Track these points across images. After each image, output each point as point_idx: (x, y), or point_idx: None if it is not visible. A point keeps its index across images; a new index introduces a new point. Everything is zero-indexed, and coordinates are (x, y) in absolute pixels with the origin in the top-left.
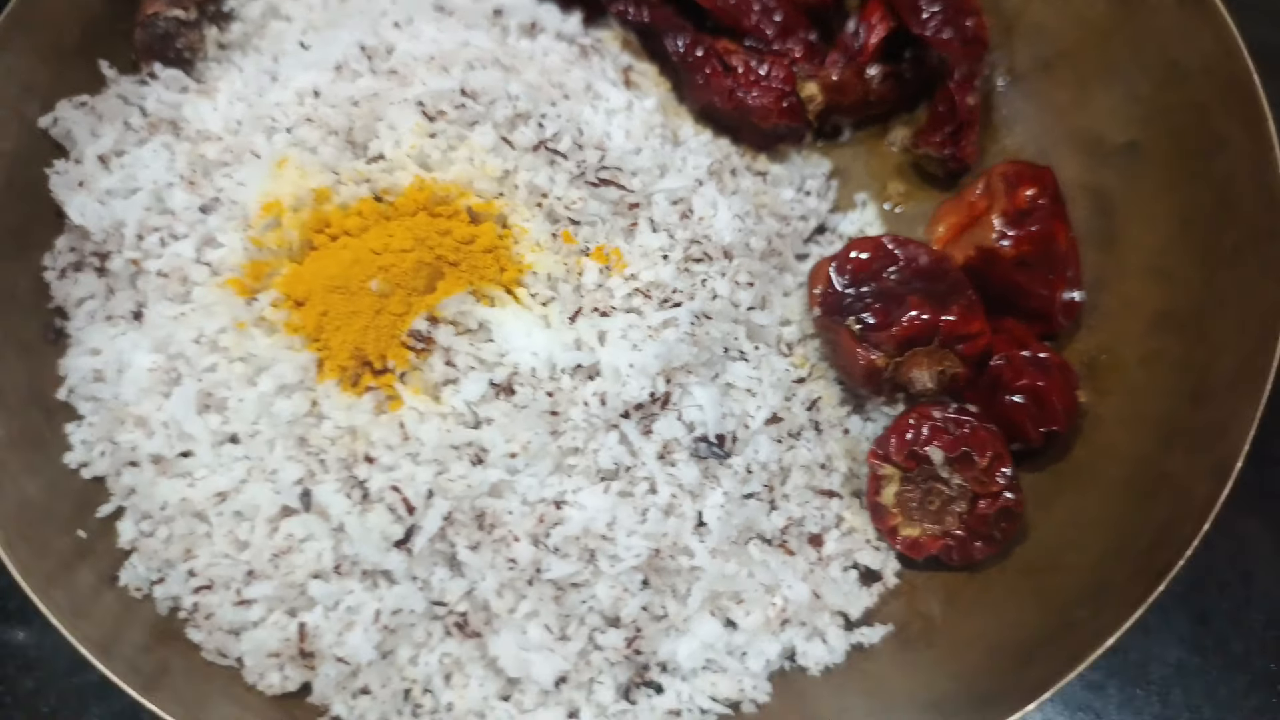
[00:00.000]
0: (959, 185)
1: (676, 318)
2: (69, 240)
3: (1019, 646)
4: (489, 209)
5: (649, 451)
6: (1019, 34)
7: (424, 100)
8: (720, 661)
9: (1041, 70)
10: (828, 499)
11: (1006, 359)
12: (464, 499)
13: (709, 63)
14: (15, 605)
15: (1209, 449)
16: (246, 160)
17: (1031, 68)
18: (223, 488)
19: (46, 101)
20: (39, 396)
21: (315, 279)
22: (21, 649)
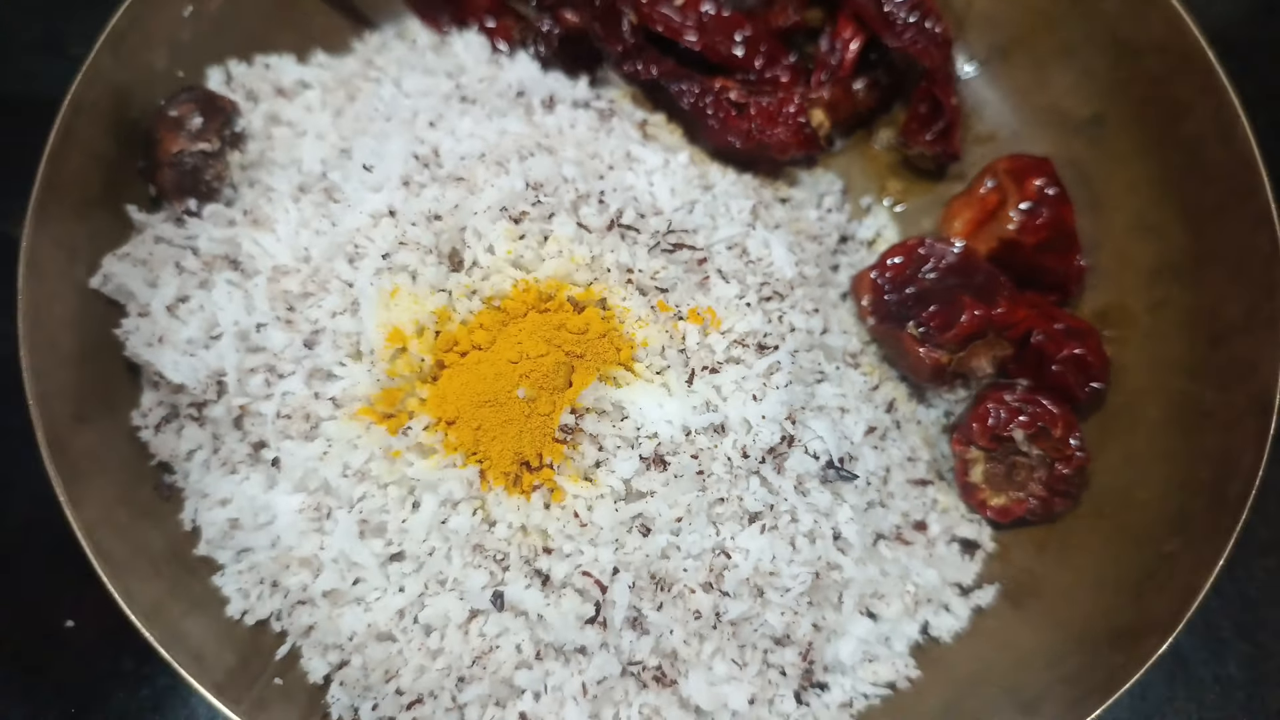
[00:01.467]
0: (948, 174)
1: (779, 361)
2: (156, 395)
3: (1123, 584)
4: (589, 295)
5: (787, 488)
6: (971, 26)
7: (506, 205)
8: (872, 651)
9: (1000, 57)
10: (923, 487)
11: (1045, 334)
12: (642, 567)
13: (721, 107)
14: None
15: (1242, 386)
16: (334, 288)
17: (990, 56)
18: (401, 605)
19: (89, 261)
20: (178, 554)
21: (462, 397)
22: None
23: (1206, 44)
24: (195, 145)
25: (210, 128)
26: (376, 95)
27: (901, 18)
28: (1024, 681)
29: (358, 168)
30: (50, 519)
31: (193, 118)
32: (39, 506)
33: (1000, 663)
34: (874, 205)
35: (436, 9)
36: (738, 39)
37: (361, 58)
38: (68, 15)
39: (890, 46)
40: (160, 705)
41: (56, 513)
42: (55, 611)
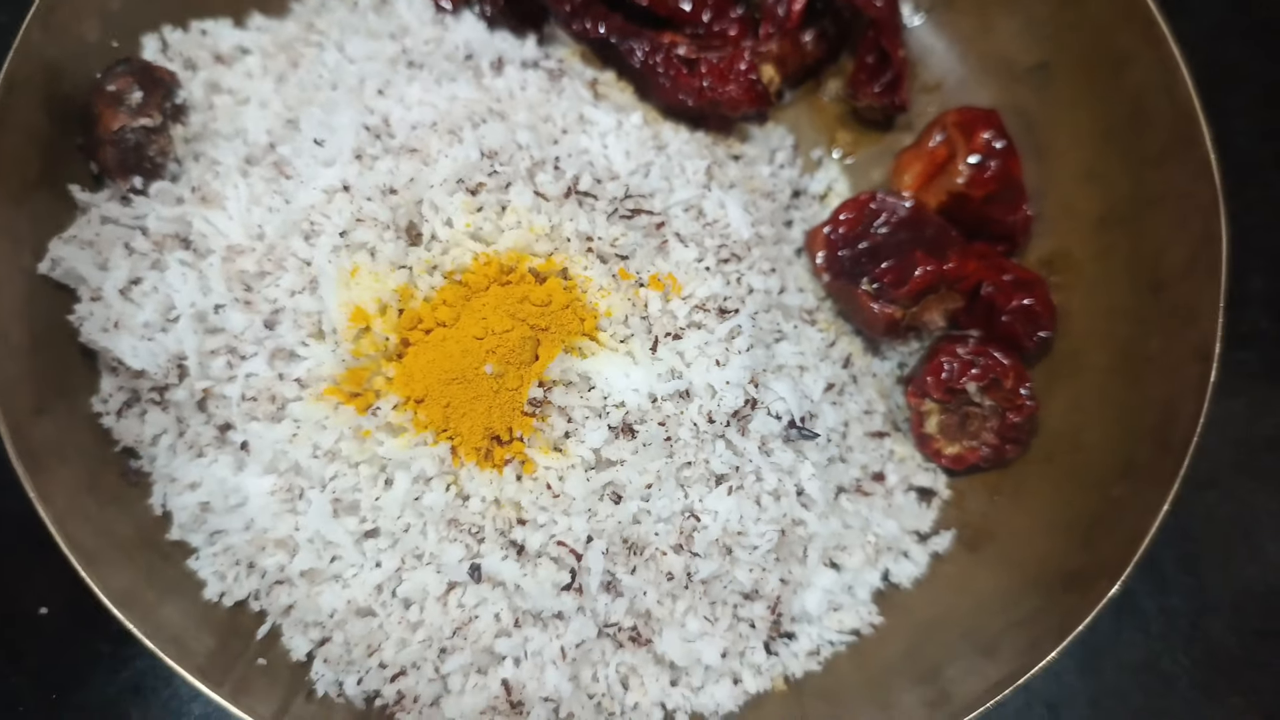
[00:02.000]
0: (896, 124)
1: (740, 325)
2: (115, 381)
3: (1073, 527)
4: (550, 266)
5: (751, 449)
6: None
7: (462, 176)
8: (837, 600)
9: (945, 5)
10: (880, 439)
11: (995, 286)
12: (614, 533)
13: (671, 65)
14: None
15: (1183, 333)
16: (291, 266)
17: (935, 4)
18: (378, 581)
19: (35, 246)
20: (149, 540)
21: (429, 375)
22: None
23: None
24: (136, 121)
25: (151, 102)
26: (320, 61)
27: None
28: (982, 625)
29: (307, 141)
30: (16, 507)
31: (132, 92)
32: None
33: (959, 607)
34: (824, 158)
35: None
36: None
37: (301, 20)
38: None
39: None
40: (140, 687)
41: (23, 501)
42: (29, 598)
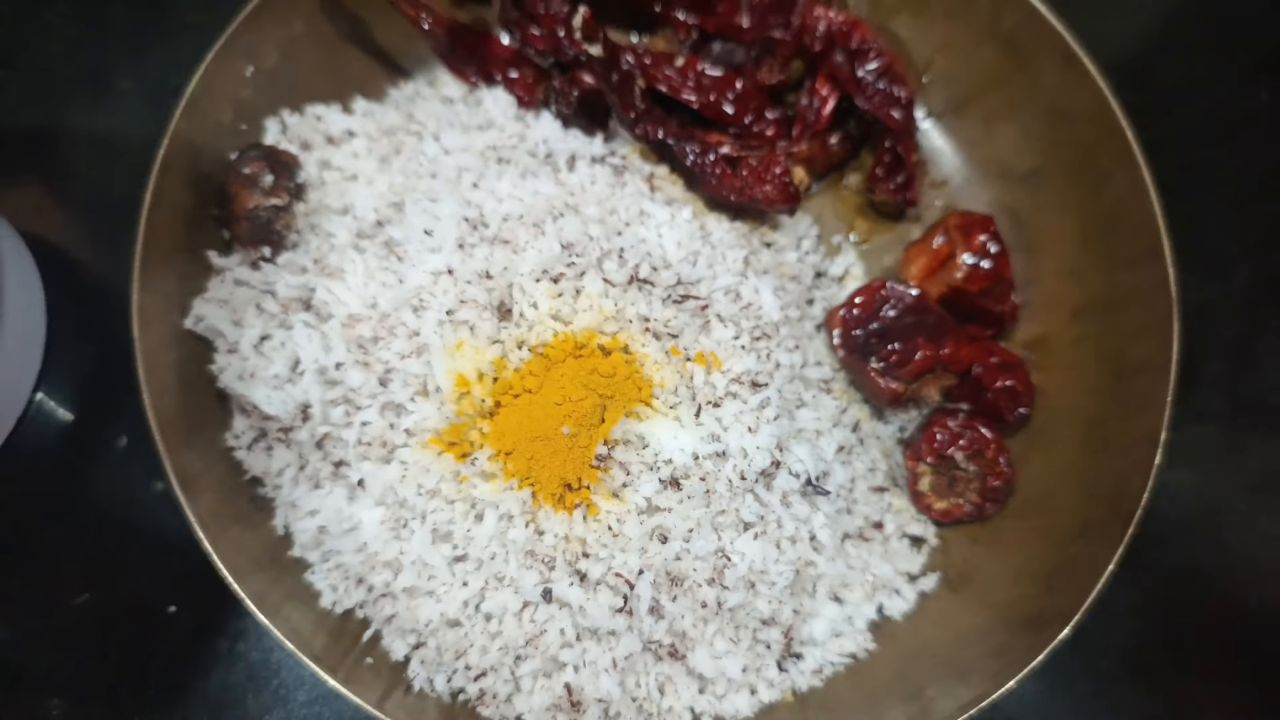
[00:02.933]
0: (907, 216)
1: (769, 398)
2: (246, 421)
3: (1036, 577)
4: (615, 343)
5: (774, 502)
6: (931, 83)
7: (546, 268)
8: (838, 628)
9: (954, 112)
10: (881, 494)
11: (983, 367)
12: (660, 568)
13: (717, 165)
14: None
15: (1138, 419)
16: (401, 334)
17: (945, 110)
18: (466, 598)
19: (181, 305)
20: (275, 557)
21: (518, 433)
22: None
23: (1128, 125)
24: (268, 201)
25: (280, 184)
26: (420, 151)
27: (871, 82)
28: (959, 654)
29: (416, 228)
30: (146, 525)
31: (264, 175)
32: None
33: (940, 638)
34: (844, 243)
35: (463, 61)
36: (729, 96)
37: (400, 109)
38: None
39: (860, 107)
40: (254, 677)
41: (151, 519)
42: (160, 600)
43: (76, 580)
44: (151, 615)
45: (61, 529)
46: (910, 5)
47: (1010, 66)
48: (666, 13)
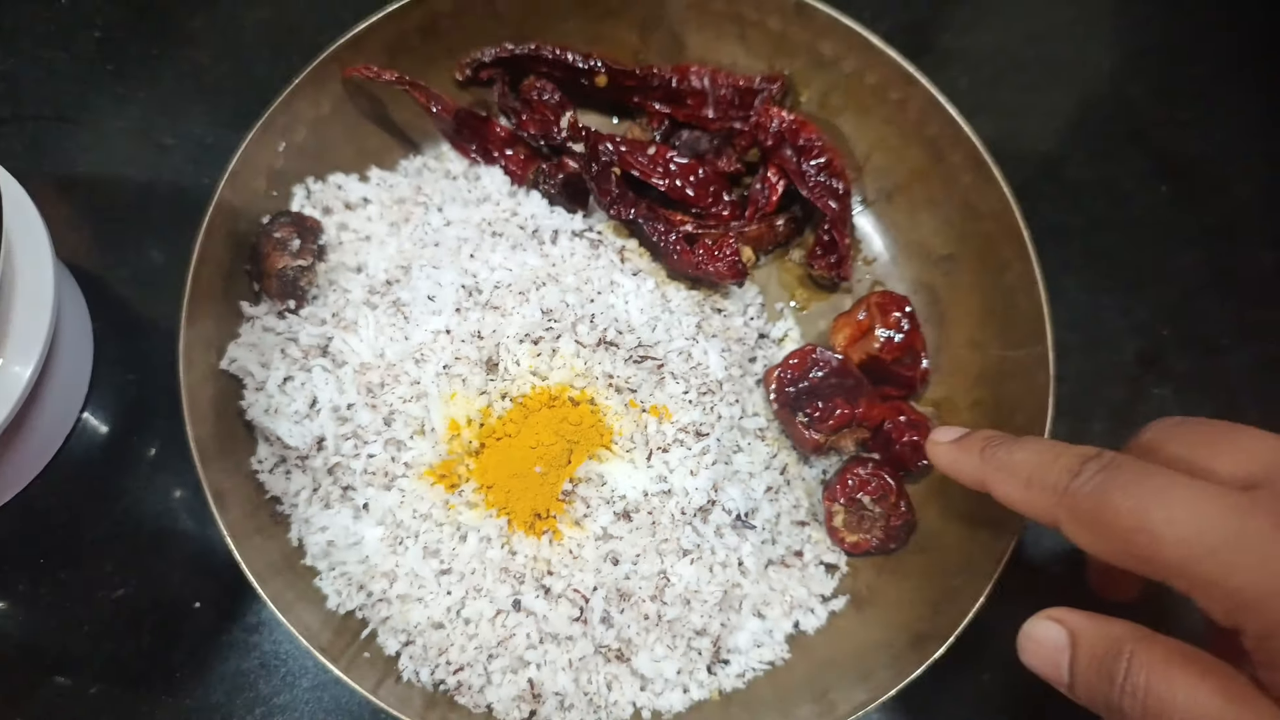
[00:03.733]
0: (840, 288)
1: (709, 445)
2: (269, 448)
3: (926, 603)
4: (583, 396)
5: (709, 533)
6: (867, 173)
7: (528, 331)
8: (760, 639)
9: (885, 200)
10: (802, 527)
11: (893, 424)
12: (612, 586)
13: (679, 243)
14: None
15: None
16: (404, 381)
17: (878, 197)
18: (449, 605)
19: (219, 348)
20: (290, 564)
21: (498, 471)
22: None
23: (1024, 225)
24: (295, 262)
25: (305, 247)
26: (426, 221)
27: (813, 175)
28: (860, 663)
29: (421, 291)
30: (174, 530)
31: (292, 240)
32: (173, 523)
33: (846, 650)
34: (785, 309)
35: (466, 140)
36: (692, 181)
37: (410, 181)
38: (148, 107)
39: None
40: (266, 664)
41: (178, 526)
42: (187, 596)
43: (114, 577)
44: (178, 609)
45: (101, 532)
46: (853, 106)
47: (933, 165)
48: (644, 103)
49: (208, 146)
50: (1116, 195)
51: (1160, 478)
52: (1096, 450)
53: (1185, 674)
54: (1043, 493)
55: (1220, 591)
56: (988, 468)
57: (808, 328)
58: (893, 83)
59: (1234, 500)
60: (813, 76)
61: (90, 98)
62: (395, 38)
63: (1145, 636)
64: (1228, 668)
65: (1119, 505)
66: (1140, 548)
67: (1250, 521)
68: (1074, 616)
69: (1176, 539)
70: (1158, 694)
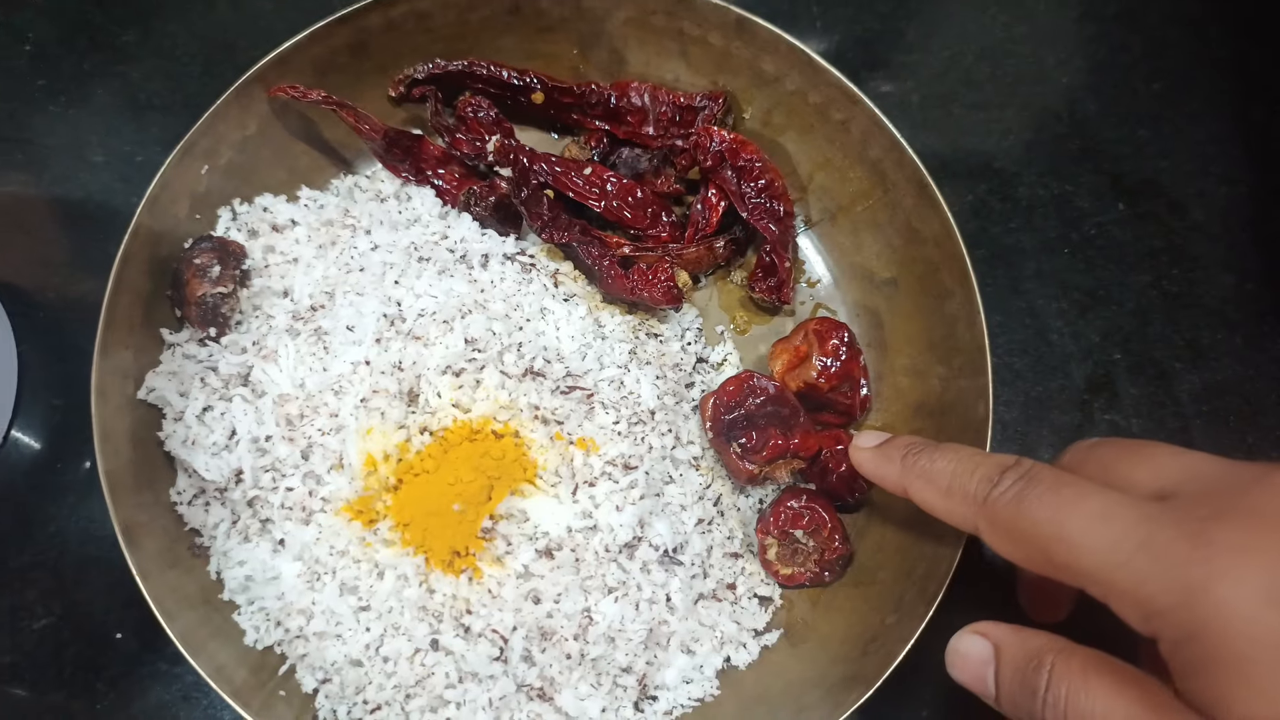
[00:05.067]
0: (781, 311)
1: (637, 480)
2: (188, 480)
3: (859, 640)
4: (507, 429)
5: (635, 569)
6: (811, 193)
7: (450, 363)
8: (689, 675)
9: (829, 221)
10: (736, 559)
11: (830, 452)
12: (533, 625)
13: (613, 267)
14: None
15: None
16: (322, 413)
17: (821, 218)
18: (367, 641)
19: (136, 378)
20: (208, 598)
21: (415, 508)
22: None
23: (965, 250)
24: (215, 289)
25: (226, 274)
26: (353, 245)
27: (753, 196)
28: (794, 700)
29: (342, 323)
30: (106, 560)
31: (212, 266)
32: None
33: (777, 685)
34: (725, 332)
35: (397, 160)
36: (629, 201)
37: (340, 203)
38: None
39: (741, 215)
40: (189, 696)
41: (105, 555)
42: (109, 626)
43: (37, 605)
44: (101, 639)
45: (26, 559)
46: (796, 125)
47: (876, 187)
48: (582, 120)
49: (137, 165)
50: (1070, 215)
51: (1075, 487)
52: (1015, 459)
53: (1103, 684)
54: (962, 501)
55: (1133, 599)
56: (909, 475)
57: (748, 351)
58: (835, 102)
59: (1146, 510)
60: (755, 94)
61: (21, 114)
62: (324, 56)
63: (1065, 648)
64: (1146, 678)
65: (1036, 515)
66: (1057, 556)
67: (1160, 531)
68: (998, 630)
69: (1091, 548)
70: (1077, 705)
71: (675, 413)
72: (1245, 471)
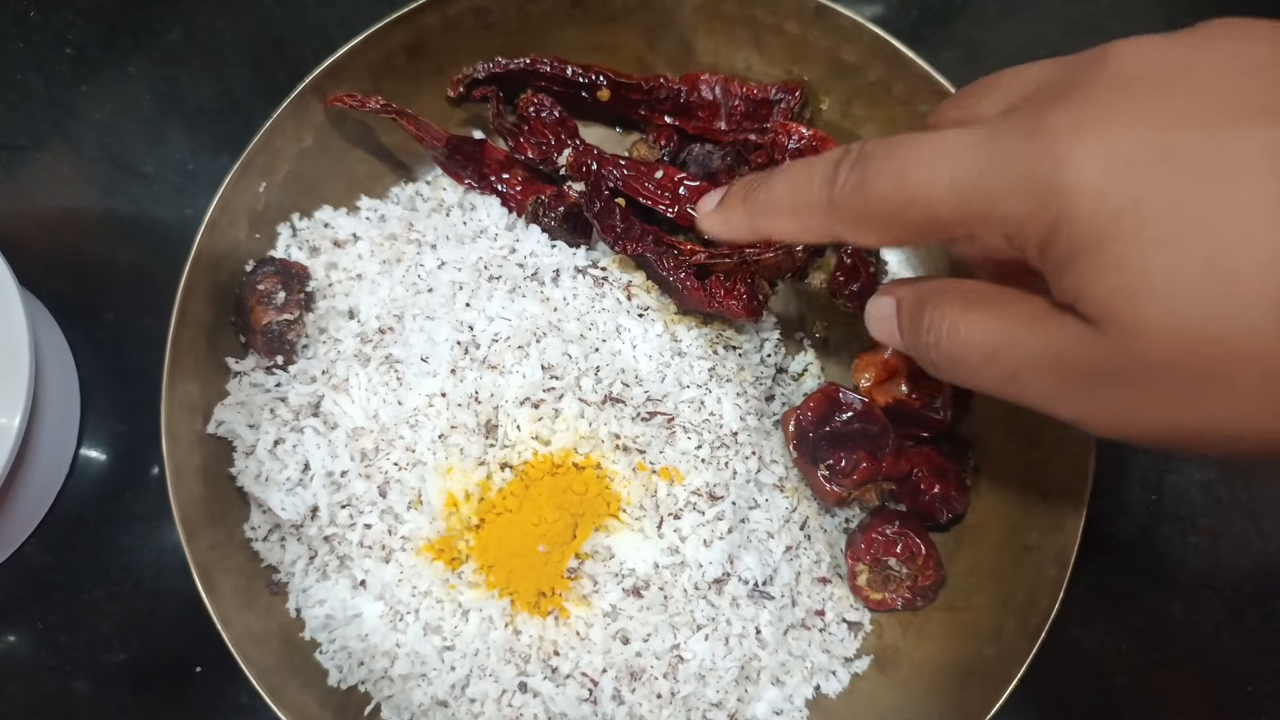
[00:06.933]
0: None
1: (724, 511)
2: (262, 516)
3: (954, 671)
4: (588, 461)
5: (724, 605)
6: None
7: (529, 393)
8: (779, 706)
9: None
10: (824, 584)
11: (921, 472)
12: (622, 666)
13: (689, 278)
14: None
15: (1052, 538)
16: (399, 446)
17: None
18: (453, 682)
19: (205, 412)
20: (287, 637)
21: (499, 550)
22: None
23: None
24: (281, 315)
25: (291, 299)
26: (419, 262)
27: None
28: None
29: (415, 347)
30: (181, 592)
31: (277, 292)
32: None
33: (869, 715)
34: (804, 339)
35: (459, 167)
36: None
37: (402, 213)
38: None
39: None
40: None
41: (179, 586)
42: (189, 660)
43: (114, 640)
44: (181, 673)
45: (100, 592)
46: (878, 117)
47: None
48: (650, 116)
49: (189, 174)
50: None
51: (906, 144)
52: (844, 148)
53: (981, 312)
54: (811, 215)
55: (994, 223)
56: (755, 216)
57: (829, 358)
58: (920, 93)
59: (984, 130)
60: (833, 84)
61: (66, 124)
62: (380, 59)
63: (949, 287)
64: (1026, 297)
65: (880, 189)
66: (914, 218)
67: (1001, 142)
68: (900, 286)
69: (939, 193)
70: (956, 336)
71: (757, 432)
72: (1083, 57)
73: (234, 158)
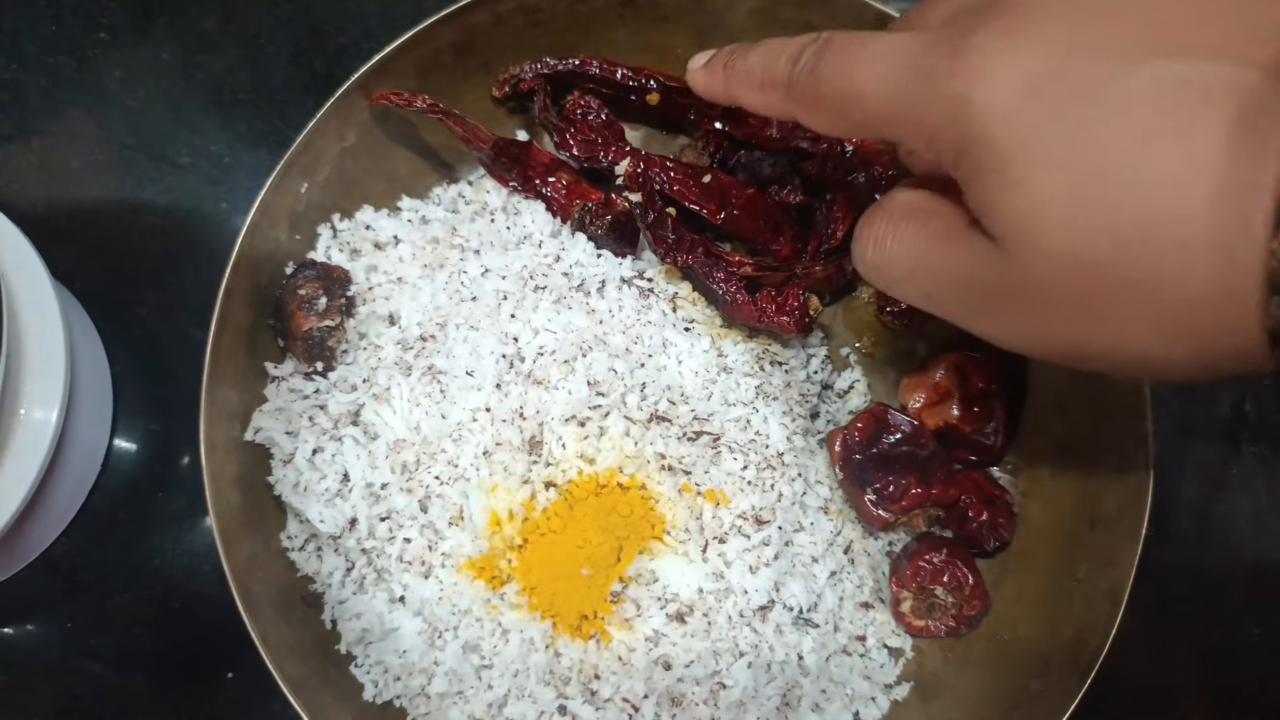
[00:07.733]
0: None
1: (770, 536)
2: (299, 525)
3: (998, 703)
4: (633, 481)
5: (769, 633)
6: None
7: (575, 411)
8: None
9: None
10: (866, 610)
11: (969, 499)
12: (664, 692)
13: (739, 292)
14: None
15: (1104, 571)
16: (440, 459)
17: None
18: (490, 701)
19: (243, 418)
20: (322, 650)
21: (543, 573)
22: None
23: None
24: (322, 321)
25: (333, 305)
26: (462, 269)
27: None
28: None
29: (459, 358)
30: (213, 597)
31: (318, 298)
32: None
33: None
34: (851, 355)
35: (504, 169)
36: (750, 214)
37: (444, 215)
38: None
39: None
40: None
41: (211, 591)
42: (221, 667)
43: (145, 642)
44: (214, 678)
45: (131, 594)
46: None
47: None
48: (699, 121)
49: (225, 166)
50: None
51: (858, 41)
52: (817, 33)
53: (906, 227)
54: (773, 89)
55: (915, 129)
56: (730, 82)
57: (876, 376)
58: None
59: (922, 39)
60: None
61: (99, 111)
62: (427, 56)
63: (888, 198)
64: (947, 210)
65: (828, 79)
66: (852, 112)
67: (930, 52)
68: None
69: (874, 91)
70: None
71: (803, 452)
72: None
73: (271, 151)
